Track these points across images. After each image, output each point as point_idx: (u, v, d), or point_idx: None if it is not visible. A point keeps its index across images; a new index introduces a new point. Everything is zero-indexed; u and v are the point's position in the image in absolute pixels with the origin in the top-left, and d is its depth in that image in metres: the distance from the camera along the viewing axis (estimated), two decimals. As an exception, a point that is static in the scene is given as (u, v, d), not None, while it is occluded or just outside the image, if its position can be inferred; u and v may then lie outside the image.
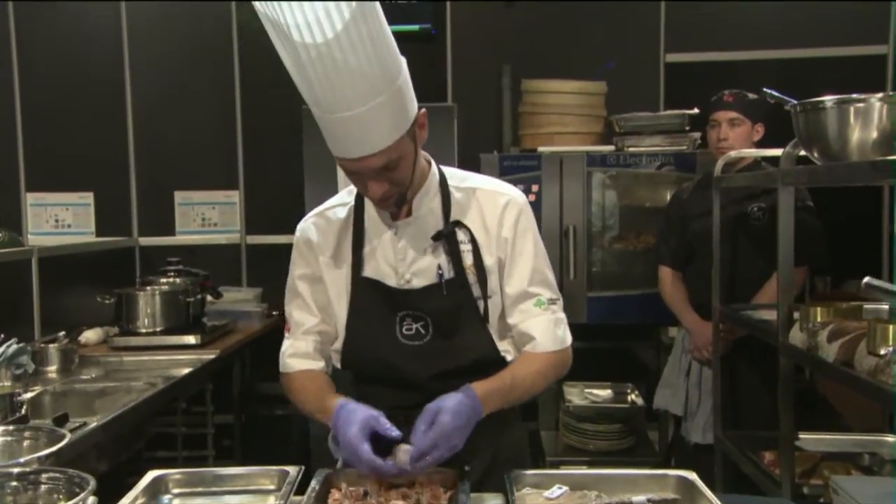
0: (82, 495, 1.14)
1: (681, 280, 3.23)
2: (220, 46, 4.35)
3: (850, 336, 1.85)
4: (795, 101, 1.94)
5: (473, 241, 1.60)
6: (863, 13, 4.10)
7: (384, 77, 1.38)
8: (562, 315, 1.67)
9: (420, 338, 1.60)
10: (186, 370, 3.04)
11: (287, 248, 4.58)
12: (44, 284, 3.30)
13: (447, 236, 1.59)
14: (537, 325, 1.62)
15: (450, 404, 1.43)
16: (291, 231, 4.56)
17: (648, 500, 1.30)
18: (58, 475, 1.19)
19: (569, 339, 1.67)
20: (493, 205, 1.62)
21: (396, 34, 1.44)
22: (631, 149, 3.64)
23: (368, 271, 1.62)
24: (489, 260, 1.61)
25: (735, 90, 3.07)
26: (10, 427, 1.52)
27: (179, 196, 4.42)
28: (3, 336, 2.63)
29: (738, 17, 4.21)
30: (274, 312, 4.17)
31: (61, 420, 2.10)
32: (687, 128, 3.64)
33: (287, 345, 1.68)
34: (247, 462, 3.60)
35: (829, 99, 1.82)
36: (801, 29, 4.16)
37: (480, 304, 1.60)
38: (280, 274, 4.78)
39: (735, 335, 2.95)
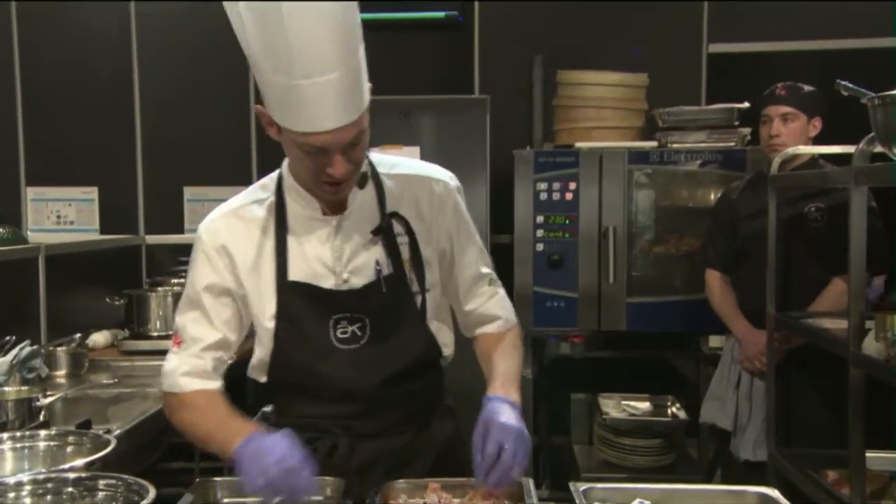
0: (142, 504, 1.15)
1: (729, 285, 3.23)
2: (233, 34, 4.34)
3: (932, 345, 1.85)
4: (873, 94, 1.94)
5: (410, 232, 1.59)
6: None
7: (358, 36, 1.38)
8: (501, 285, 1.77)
9: (356, 340, 1.57)
10: (203, 377, 3.04)
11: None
12: (50, 284, 3.32)
13: (385, 229, 1.57)
14: (497, 305, 1.72)
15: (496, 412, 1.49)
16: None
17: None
18: (115, 482, 1.20)
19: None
20: (427, 192, 1.63)
21: (421, 21, 1.45)
22: (675, 145, 3.64)
23: (296, 274, 1.56)
24: (427, 251, 1.61)
25: (789, 83, 3.06)
26: (52, 431, 1.53)
27: (189, 192, 4.42)
28: (14, 338, 2.65)
29: (787, 4, 4.20)
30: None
31: (85, 426, 2.10)
32: (735, 123, 3.64)
33: (178, 361, 1.59)
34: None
35: (912, 91, 1.82)
36: (857, 17, 4.14)
37: (418, 299, 1.60)
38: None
39: (789, 344, 2.94)
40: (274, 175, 1.63)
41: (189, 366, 1.58)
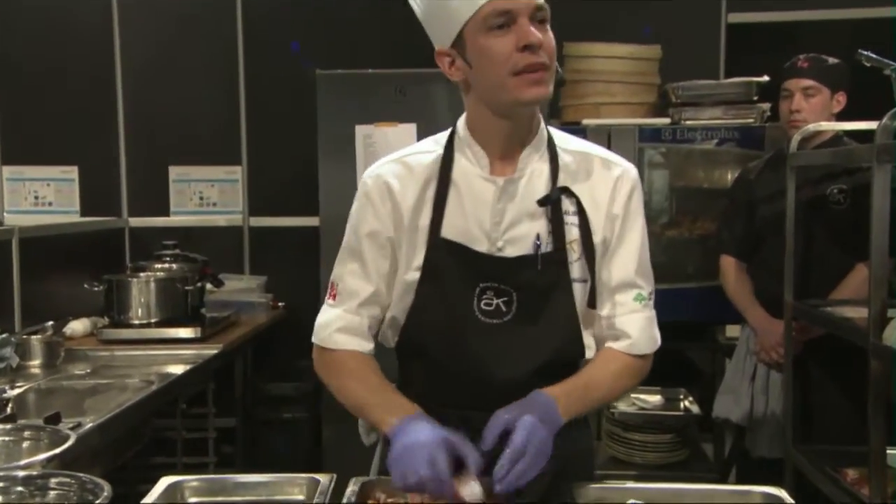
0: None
1: (745, 271, 3.19)
2: (221, 3, 4.33)
3: (958, 336, 1.81)
4: (897, 65, 1.90)
5: (581, 213, 1.55)
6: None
7: None
8: (654, 311, 1.65)
9: (500, 315, 1.54)
10: (186, 367, 3.04)
11: (296, 232, 4.58)
12: (24, 269, 3.30)
13: (554, 202, 1.54)
14: (634, 323, 1.59)
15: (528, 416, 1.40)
16: (300, 212, 4.56)
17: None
18: (69, 480, 1.18)
19: (659, 338, 1.64)
20: (605, 175, 1.58)
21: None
22: (689, 122, 3.59)
23: (450, 232, 1.55)
24: (596, 237, 1.56)
25: (811, 55, 3.02)
26: (8, 426, 1.51)
27: (175, 172, 4.41)
28: (-17, 326, 2.64)
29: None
30: (280, 304, 4.17)
31: (53, 419, 2.09)
32: (754, 98, 3.59)
33: (334, 315, 1.61)
34: (249, 470, 3.61)
35: (938, 62, 1.77)
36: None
37: (578, 287, 1.55)
38: (287, 261, 4.72)
39: (808, 335, 2.91)
40: (447, 132, 1.64)
41: (345, 321, 1.60)
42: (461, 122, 1.61)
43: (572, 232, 1.55)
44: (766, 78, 3.54)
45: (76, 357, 3.14)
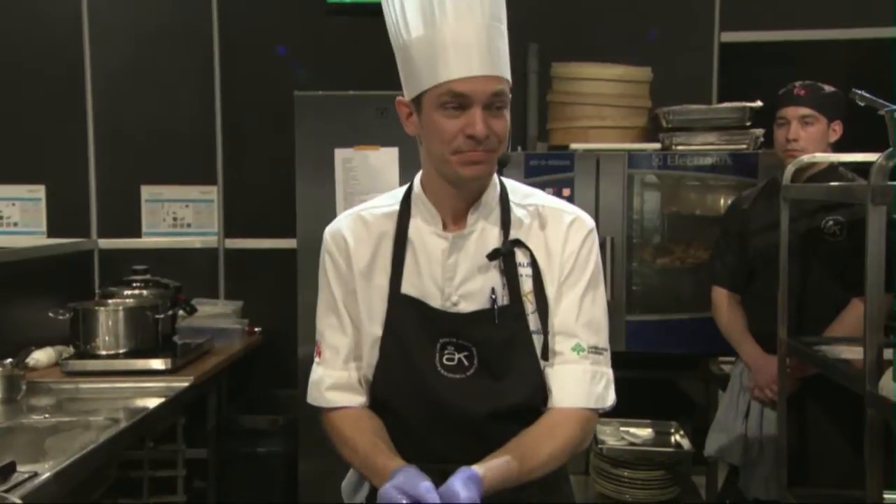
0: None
1: (739, 304, 3.18)
2: (197, 18, 4.32)
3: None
4: (893, 106, 1.89)
5: (534, 264, 1.59)
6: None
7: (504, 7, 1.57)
8: (606, 370, 1.63)
9: (462, 370, 1.58)
10: (154, 401, 3.00)
11: (274, 254, 4.57)
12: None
13: (505, 256, 1.59)
14: (566, 375, 1.58)
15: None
16: (278, 233, 4.57)
17: None
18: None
19: (610, 399, 1.62)
20: (557, 223, 1.63)
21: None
22: (680, 147, 3.60)
23: (409, 288, 1.61)
24: (551, 289, 1.60)
25: (808, 82, 3.01)
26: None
27: (147, 191, 4.38)
28: (-61, 360, 2.60)
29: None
30: (256, 330, 4.14)
31: (7, 471, 2.05)
32: (748, 123, 3.59)
33: (322, 373, 1.67)
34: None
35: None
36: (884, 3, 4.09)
37: (536, 339, 1.57)
38: (264, 284, 4.69)
39: (804, 372, 2.90)
40: (404, 187, 1.71)
41: (334, 379, 1.66)
42: (417, 179, 1.68)
43: (527, 284, 1.59)
44: (759, 103, 3.54)
45: (39, 390, 3.09)
